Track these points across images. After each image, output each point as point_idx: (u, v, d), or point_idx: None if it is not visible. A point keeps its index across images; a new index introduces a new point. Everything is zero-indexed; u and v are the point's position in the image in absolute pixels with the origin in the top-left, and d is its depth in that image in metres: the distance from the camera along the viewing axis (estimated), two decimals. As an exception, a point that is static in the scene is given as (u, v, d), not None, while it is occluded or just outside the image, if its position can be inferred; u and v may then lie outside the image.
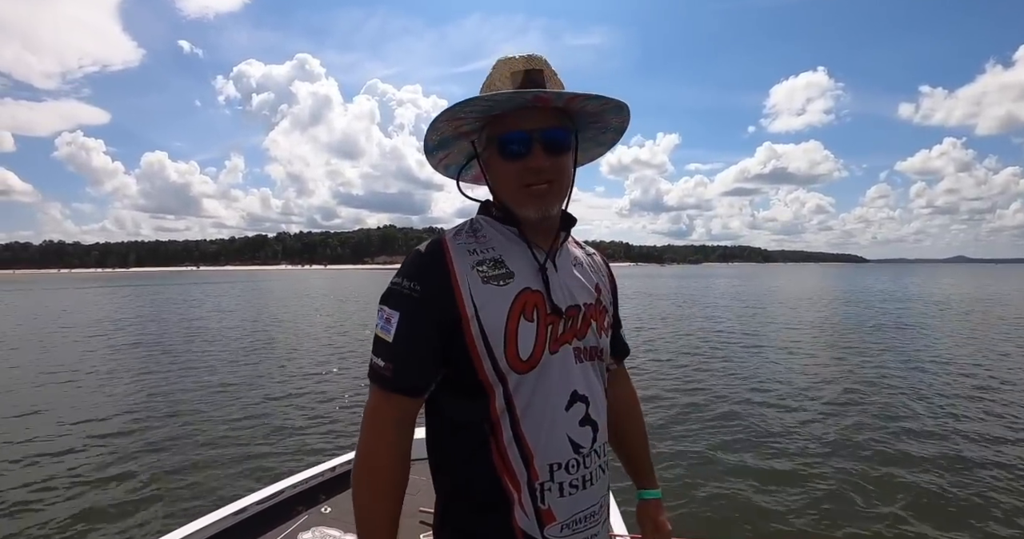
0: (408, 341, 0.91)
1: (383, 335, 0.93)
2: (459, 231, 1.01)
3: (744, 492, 4.72)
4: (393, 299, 0.94)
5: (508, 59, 0.98)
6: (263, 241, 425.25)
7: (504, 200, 1.00)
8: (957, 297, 30.14)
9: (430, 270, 0.93)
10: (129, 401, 8.13)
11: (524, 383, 0.92)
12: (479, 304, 0.92)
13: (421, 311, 0.91)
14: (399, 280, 0.94)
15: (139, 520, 4.35)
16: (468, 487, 0.95)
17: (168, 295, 39.99)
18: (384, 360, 0.91)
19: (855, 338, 13.64)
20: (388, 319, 0.92)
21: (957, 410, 7.11)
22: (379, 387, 0.92)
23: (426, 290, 0.92)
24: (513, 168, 0.95)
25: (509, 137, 0.94)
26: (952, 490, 4.66)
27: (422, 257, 0.96)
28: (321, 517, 2.49)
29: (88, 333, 16.77)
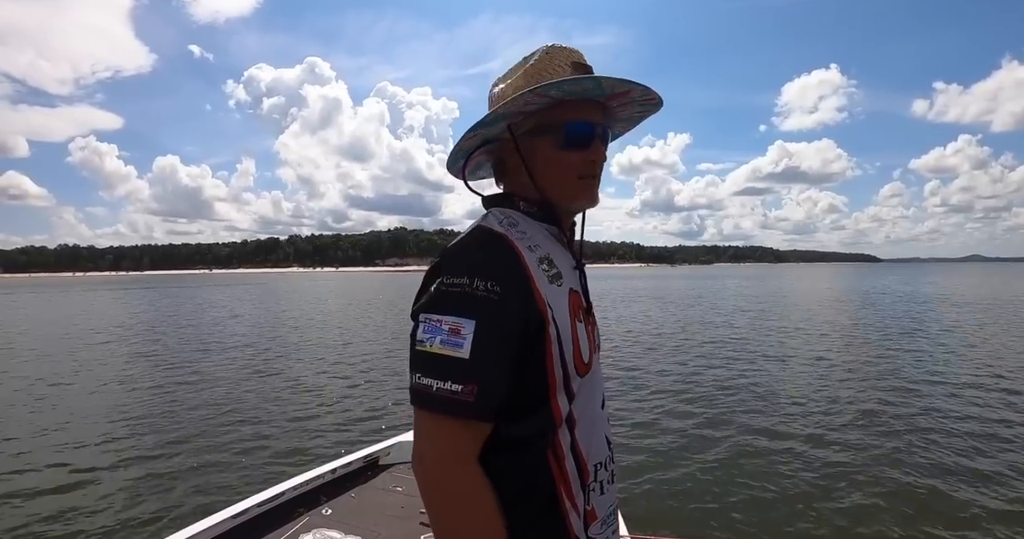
0: (491, 354, 0.76)
1: (449, 351, 0.75)
2: (500, 223, 0.90)
3: (745, 493, 4.70)
4: (459, 304, 0.78)
5: (563, 48, 0.93)
6: (275, 244, 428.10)
7: (553, 191, 0.93)
8: (982, 298, 29.41)
9: (507, 267, 0.82)
10: (136, 403, 8.15)
11: (583, 386, 0.88)
12: (552, 306, 0.84)
13: (504, 316, 0.78)
14: (464, 280, 0.78)
15: (139, 520, 4.34)
16: (522, 502, 0.83)
17: (183, 298, 40.23)
18: (459, 382, 0.74)
19: (880, 344, 13.22)
20: (455, 330, 0.76)
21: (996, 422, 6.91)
22: (455, 417, 0.75)
23: (507, 291, 0.79)
24: (574, 158, 0.91)
25: (579, 126, 0.91)
26: (974, 499, 4.50)
27: (491, 251, 0.83)
28: (322, 519, 2.48)
29: (105, 337, 16.90)
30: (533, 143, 0.92)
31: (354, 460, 3.00)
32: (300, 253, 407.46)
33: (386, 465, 3.10)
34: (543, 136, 0.91)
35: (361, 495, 2.74)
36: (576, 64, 0.91)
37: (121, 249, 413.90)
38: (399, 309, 25.85)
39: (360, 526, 2.41)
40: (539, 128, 0.91)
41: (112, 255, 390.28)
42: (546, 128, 0.91)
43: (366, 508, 2.59)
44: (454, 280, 0.79)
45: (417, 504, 2.59)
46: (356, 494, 2.74)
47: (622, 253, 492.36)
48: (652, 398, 8.02)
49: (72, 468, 5.52)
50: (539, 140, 0.92)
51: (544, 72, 0.90)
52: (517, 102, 0.86)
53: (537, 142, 0.92)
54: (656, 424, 6.75)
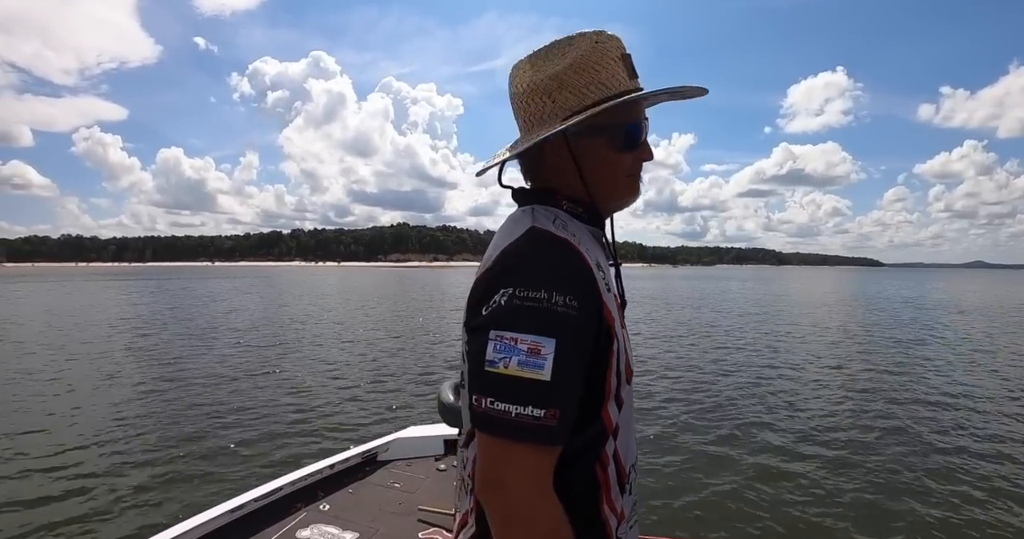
0: (572, 375, 0.71)
1: (530, 373, 0.68)
2: (554, 224, 0.83)
3: (745, 493, 4.69)
4: (539, 321, 0.69)
5: (609, 37, 0.86)
6: (277, 237, 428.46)
7: (602, 193, 0.89)
8: (989, 305, 29.23)
9: (581, 278, 0.76)
10: (134, 397, 8.12)
11: (630, 393, 0.86)
12: (615, 316, 0.80)
13: (582, 334, 0.73)
14: (540, 294, 0.70)
15: (136, 514, 4.36)
16: (569, 516, 0.75)
17: (186, 290, 40.18)
18: (541, 407, 0.67)
19: (890, 353, 13.01)
20: (535, 350, 0.68)
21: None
22: (539, 444, 0.69)
23: (583, 305, 0.73)
24: (627, 159, 0.88)
25: (639, 126, 0.88)
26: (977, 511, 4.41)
27: (563, 261, 0.77)
28: (320, 514, 2.47)
29: (108, 329, 16.86)
30: (586, 144, 0.87)
31: (352, 456, 2.99)
32: (302, 247, 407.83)
33: (384, 461, 3.08)
34: (598, 137, 0.86)
35: (359, 491, 2.73)
36: (624, 56, 0.86)
37: (124, 240, 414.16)
38: (401, 306, 25.76)
39: (357, 521, 2.40)
40: (593, 129, 0.85)
41: (115, 246, 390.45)
42: (601, 129, 0.85)
43: (364, 504, 2.58)
44: (529, 293, 0.71)
45: (415, 500, 2.56)
46: (354, 490, 2.73)
47: (624, 252, 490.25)
48: (653, 398, 7.93)
49: (70, 460, 5.49)
50: (593, 141, 0.86)
51: (596, 66, 0.84)
52: (605, 115, 0.82)
53: (591, 143, 0.87)
54: (657, 423, 6.67)
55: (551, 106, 0.84)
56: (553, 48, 0.87)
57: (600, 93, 0.82)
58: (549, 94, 0.83)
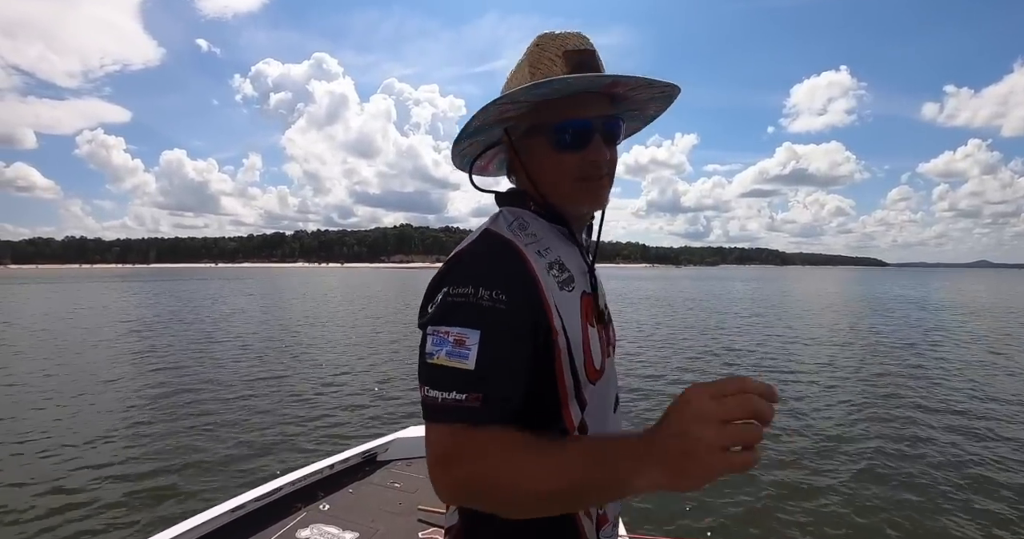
0: (498, 364, 0.72)
1: (454, 363, 0.71)
2: (510, 226, 0.85)
3: (746, 493, 4.65)
4: (463, 314, 0.73)
5: (556, 36, 0.86)
6: (280, 239, 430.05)
7: (551, 194, 0.88)
8: (996, 305, 29.07)
9: (513, 276, 0.77)
10: (137, 399, 8.05)
11: (594, 393, 0.86)
12: (563, 314, 0.80)
13: (510, 326, 0.74)
14: (468, 290, 0.74)
15: (137, 513, 4.34)
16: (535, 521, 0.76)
17: (190, 291, 40.16)
18: (464, 392, 0.70)
19: (901, 354, 12.94)
20: (460, 341, 0.72)
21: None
22: (463, 424, 0.70)
23: (514, 300, 0.74)
24: (571, 160, 0.84)
25: (569, 125, 0.83)
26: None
27: (495, 260, 0.79)
28: (319, 514, 2.48)
29: (113, 331, 16.83)
30: (530, 144, 0.88)
31: (352, 456, 3.00)
32: (306, 248, 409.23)
33: (384, 461, 3.09)
34: (537, 137, 0.86)
35: (359, 491, 2.74)
36: (568, 53, 0.84)
37: (128, 242, 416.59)
38: (402, 307, 25.66)
39: (358, 521, 2.42)
40: (533, 129, 0.86)
41: (119, 248, 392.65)
42: (539, 129, 0.85)
43: (364, 504, 2.60)
44: (459, 290, 0.75)
45: (415, 500, 2.58)
46: (354, 490, 2.74)
47: (627, 253, 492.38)
48: (654, 399, 7.85)
49: (72, 460, 5.48)
50: (535, 141, 0.87)
51: (531, 67, 0.85)
52: (488, 113, 0.84)
53: (533, 143, 0.87)
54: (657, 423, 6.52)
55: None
56: (521, 57, 0.89)
57: (532, 87, 0.79)
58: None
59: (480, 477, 0.67)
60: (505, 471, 0.66)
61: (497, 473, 0.66)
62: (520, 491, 0.65)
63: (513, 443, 0.68)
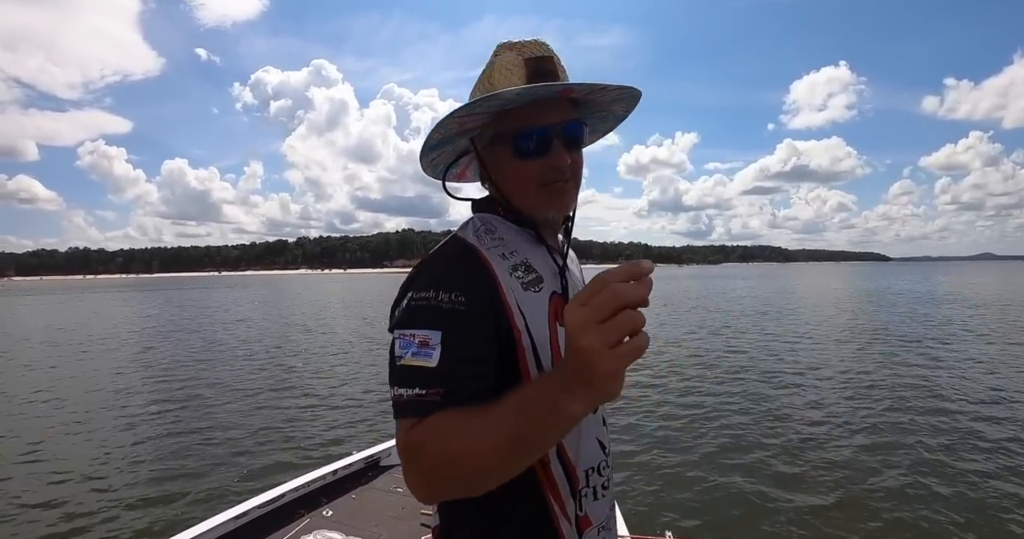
0: (459, 361, 0.74)
1: (420, 362, 0.73)
2: (476, 232, 0.89)
3: (746, 493, 4.65)
4: (426, 317, 0.76)
5: (513, 44, 0.88)
6: (283, 246, 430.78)
7: (516, 201, 0.90)
8: (1005, 298, 28.66)
9: (472, 278, 0.80)
10: (140, 406, 8.06)
11: None
12: (526, 314, 0.83)
13: (470, 326, 0.76)
14: (429, 293, 0.78)
15: (141, 521, 4.37)
16: (512, 512, 0.83)
17: (192, 300, 40.11)
18: (426, 388, 0.72)
19: (911, 350, 12.76)
20: (424, 342, 0.74)
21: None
22: (419, 415, 0.71)
23: (472, 301, 0.77)
24: (532, 167, 0.86)
25: (528, 133, 0.85)
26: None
27: (456, 264, 0.83)
28: (323, 520, 2.48)
29: (116, 340, 16.92)
30: (494, 153, 0.90)
31: (355, 461, 3.00)
32: (308, 255, 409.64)
33: (387, 466, 3.10)
34: (500, 146, 0.89)
35: (362, 496, 2.74)
36: (528, 60, 0.87)
37: (131, 252, 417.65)
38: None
39: (361, 527, 2.41)
40: (496, 138, 0.89)
41: (122, 258, 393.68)
42: (500, 138, 0.88)
43: (367, 509, 2.60)
44: (421, 294, 0.78)
45: (417, 505, 2.58)
46: (357, 495, 2.75)
47: (629, 253, 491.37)
48: (655, 399, 7.80)
49: (76, 467, 5.54)
50: (497, 150, 0.89)
51: (490, 77, 0.88)
52: (446, 126, 0.85)
53: (496, 152, 0.90)
54: (657, 423, 6.57)
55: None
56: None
57: (482, 98, 0.80)
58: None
59: (439, 457, 0.67)
60: (456, 442, 0.66)
61: (450, 446, 0.67)
62: (473, 456, 0.65)
63: (458, 416, 0.69)
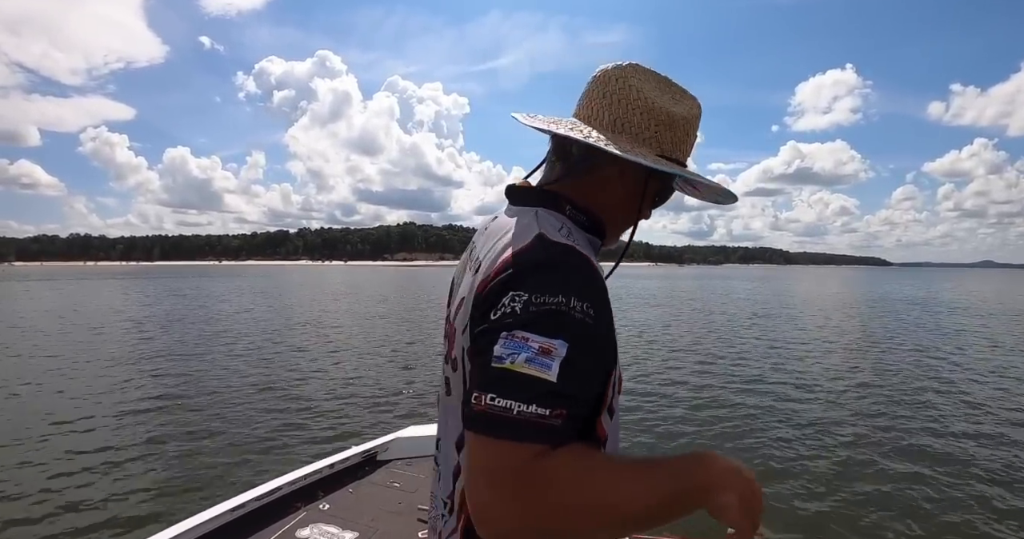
0: (582, 380, 0.67)
1: (536, 372, 0.64)
2: (560, 232, 0.79)
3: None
4: (554, 323, 0.66)
5: (700, 111, 0.92)
6: (284, 236, 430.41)
7: (615, 220, 0.92)
8: (1010, 307, 28.70)
9: (599, 290, 0.74)
10: (137, 397, 8.07)
11: (617, 403, 0.83)
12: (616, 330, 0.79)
13: (597, 342, 0.70)
14: (560, 299, 0.68)
15: (137, 512, 4.35)
16: None
17: (194, 289, 40.12)
18: (547, 407, 0.63)
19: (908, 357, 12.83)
20: (546, 351, 0.65)
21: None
22: (541, 443, 0.62)
23: (600, 316, 0.71)
24: (647, 213, 0.94)
25: (671, 193, 0.96)
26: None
27: (583, 271, 0.74)
28: (319, 514, 2.48)
29: (117, 329, 16.96)
30: (645, 182, 0.90)
31: (352, 455, 3.00)
32: (309, 246, 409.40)
33: (384, 460, 3.09)
34: (652, 183, 0.90)
35: (359, 490, 2.74)
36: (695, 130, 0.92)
37: (132, 239, 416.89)
38: (403, 306, 25.66)
39: (357, 521, 2.42)
40: (657, 176, 0.89)
41: (123, 245, 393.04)
42: (655, 178, 0.90)
43: (364, 503, 2.60)
44: (546, 298, 0.68)
45: (414, 499, 2.59)
46: (354, 489, 2.75)
47: (630, 252, 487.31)
48: (655, 399, 7.78)
49: (72, 458, 5.50)
50: (651, 185, 0.91)
51: (692, 131, 0.90)
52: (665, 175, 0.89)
53: (649, 184, 0.90)
54: (658, 422, 6.52)
55: (649, 135, 0.84)
56: (671, 85, 0.91)
57: (684, 154, 0.87)
58: (656, 124, 0.84)
59: (563, 502, 0.61)
60: (598, 492, 0.62)
61: (587, 496, 0.62)
62: (614, 512, 0.62)
63: (596, 460, 0.65)
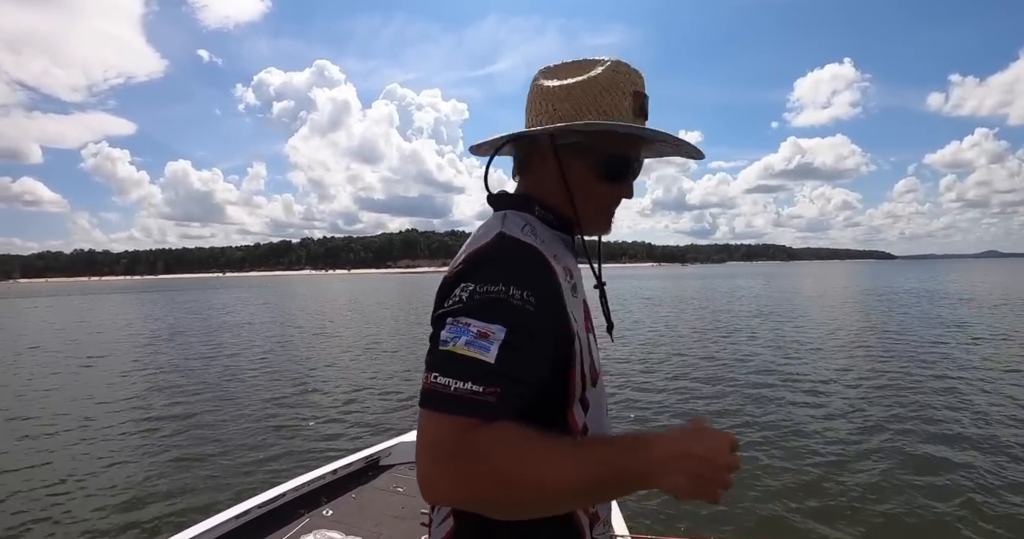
0: (519, 363, 0.70)
1: (474, 353, 0.69)
2: (523, 230, 0.84)
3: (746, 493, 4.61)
4: (493, 310, 0.72)
5: (628, 71, 0.88)
6: (287, 247, 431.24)
7: (581, 214, 0.90)
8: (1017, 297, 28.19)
9: (542, 279, 0.78)
10: (142, 404, 8.09)
11: (595, 395, 0.88)
12: (575, 319, 0.82)
13: (536, 328, 0.73)
14: (499, 287, 0.73)
15: (142, 520, 4.36)
16: (539, 519, 0.76)
17: (197, 302, 40.27)
18: (481, 384, 0.68)
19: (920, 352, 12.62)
20: (484, 335, 0.70)
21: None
22: (478, 416, 0.67)
23: (541, 303, 0.74)
24: (608, 191, 0.89)
25: (623, 162, 0.89)
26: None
27: (525, 262, 0.79)
28: (323, 520, 2.48)
29: (121, 342, 17.02)
30: (571, 160, 0.88)
31: (355, 461, 3.00)
32: (312, 256, 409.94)
33: (387, 466, 3.09)
34: (583, 157, 0.88)
35: (362, 496, 2.74)
36: (636, 93, 0.88)
37: (136, 253, 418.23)
38: (406, 313, 25.67)
39: (361, 527, 2.41)
40: (581, 147, 0.87)
41: (127, 259, 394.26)
42: (587, 151, 0.87)
43: (367, 509, 2.60)
44: (488, 287, 0.74)
45: (417, 504, 2.57)
46: (357, 495, 2.75)
47: (633, 252, 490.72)
48: (656, 398, 7.82)
49: (78, 466, 5.55)
50: (578, 160, 0.88)
51: (603, 91, 0.86)
52: (594, 139, 0.85)
53: (575, 161, 0.88)
54: (660, 422, 6.52)
55: (550, 112, 0.86)
56: (579, 63, 0.91)
57: (595, 116, 0.83)
58: (553, 101, 0.86)
59: (505, 475, 0.65)
60: (533, 467, 0.65)
61: (524, 468, 0.65)
62: (546, 488, 0.65)
63: (530, 438, 0.67)
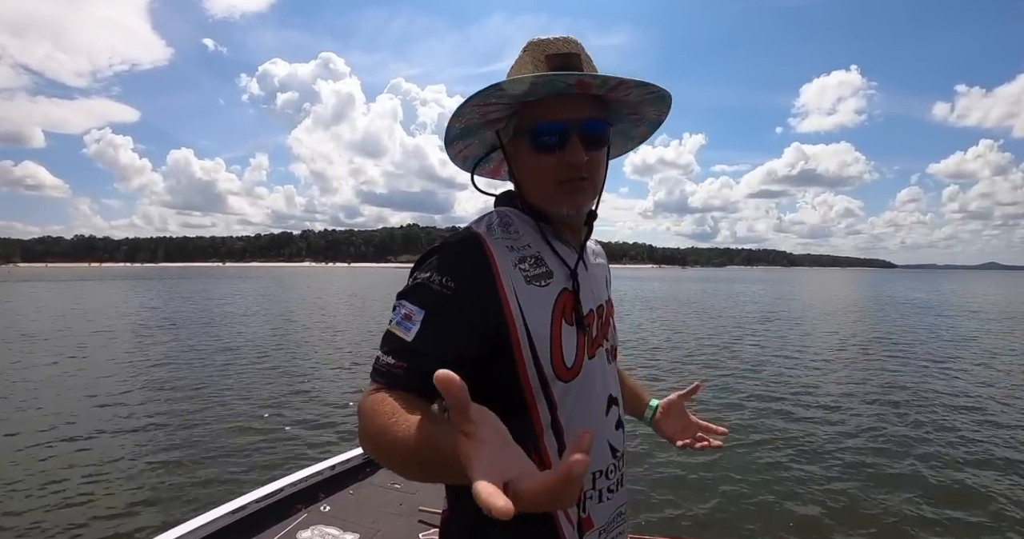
0: (431, 342, 0.78)
1: (399, 332, 0.80)
2: (489, 224, 0.90)
3: (746, 493, 4.65)
4: (417, 295, 0.82)
5: (541, 41, 0.89)
6: (288, 238, 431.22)
7: (532, 195, 0.92)
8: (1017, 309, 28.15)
9: (468, 266, 0.83)
10: (139, 398, 7.90)
11: (568, 392, 0.87)
12: (524, 307, 0.84)
13: (453, 310, 0.80)
14: (427, 274, 0.82)
15: (138, 514, 4.35)
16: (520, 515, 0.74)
17: (199, 292, 39.90)
18: (395, 358, 0.78)
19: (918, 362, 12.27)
20: (408, 316, 0.80)
21: None
22: (383, 384, 0.78)
23: (461, 288, 0.81)
24: (547, 162, 0.87)
25: (544, 127, 0.86)
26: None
27: (456, 251, 0.85)
28: (320, 516, 2.48)
29: (120, 330, 16.45)
30: (515, 146, 0.91)
31: (353, 457, 3.01)
32: (313, 248, 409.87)
33: None
34: (519, 139, 0.90)
35: (359, 492, 2.75)
36: (551, 56, 0.87)
37: (136, 241, 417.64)
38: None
39: (358, 523, 2.43)
40: (518, 131, 0.90)
41: (127, 247, 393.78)
42: (521, 130, 0.89)
43: (364, 505, 2.61)
44: (421, 274, 0.83)
45: (415, 501, 2.59)
46: (354, 491, 2.75)
47: (634, 254, 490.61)
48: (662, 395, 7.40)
49: (73, 461, 5.46)
50: (519, 143, 0.90)
51: (522, 70, 0.89)
52: (465, 115, 0.87)
53: (517, 145, 0.91)
54: None
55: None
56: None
57: (515, 87, 0.82)
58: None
59: (367, 434, 0.73)
60: (377, 434, 0.70)
61: (372, 432, 0.71)
62: (382, 453, 0.70)
63: (397, 409, 0.70)
